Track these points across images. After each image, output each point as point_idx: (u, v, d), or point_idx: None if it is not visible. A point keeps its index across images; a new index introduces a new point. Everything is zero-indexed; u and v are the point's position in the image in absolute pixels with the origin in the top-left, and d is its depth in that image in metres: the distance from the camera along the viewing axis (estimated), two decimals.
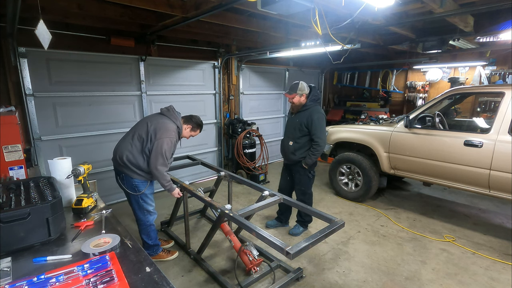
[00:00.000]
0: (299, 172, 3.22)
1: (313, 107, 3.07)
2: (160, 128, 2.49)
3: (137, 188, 2.62)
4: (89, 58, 3.94)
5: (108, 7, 3.16)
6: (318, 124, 3.02)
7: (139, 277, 1.17)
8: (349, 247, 3.23)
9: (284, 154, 3.33)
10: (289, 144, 3.18)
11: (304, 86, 3.03)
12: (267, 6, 2.36)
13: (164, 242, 3.23)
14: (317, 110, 3.07)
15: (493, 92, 3.71)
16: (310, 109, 3.07)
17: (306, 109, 3.08)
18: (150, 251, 2.86)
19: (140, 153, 2.52)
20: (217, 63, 5.45)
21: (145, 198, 2.69)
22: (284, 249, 1.69)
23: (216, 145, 5.84)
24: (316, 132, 3.02)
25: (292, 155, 3.18)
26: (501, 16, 3.74)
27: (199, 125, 2.79)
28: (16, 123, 2.45)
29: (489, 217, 4.00)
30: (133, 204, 2.71)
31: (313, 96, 3.09)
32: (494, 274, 2.77)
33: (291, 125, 3.20)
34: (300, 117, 3.10)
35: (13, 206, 1.42)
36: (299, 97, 3.04)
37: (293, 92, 3.02)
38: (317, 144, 3.04)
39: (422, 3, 2.95)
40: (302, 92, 3.02)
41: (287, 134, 3.26)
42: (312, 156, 3.09)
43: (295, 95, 3.03)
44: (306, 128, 3.06)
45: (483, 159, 3.15)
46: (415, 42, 4.53)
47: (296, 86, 3.02)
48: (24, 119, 3.53)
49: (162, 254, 2.95)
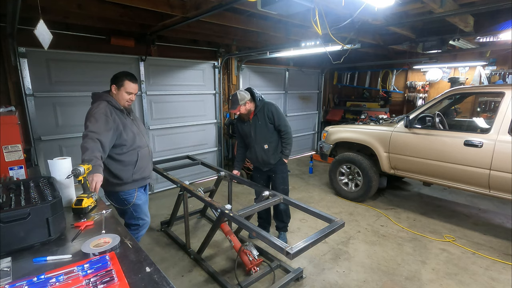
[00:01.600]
0: (281, 171, 3.11)
1: (264, 104, 2.97)
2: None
3: (126, 201, 2.34)
4: (89, 58, 3.94)
5: (108, 7, 3.16)
6: (279, 114, 2.95)
7: (139, 277, 1.17)
8: (349, 247, 3.23)
9: (263, 162, 3.07)
10: (265, 148, 3.00)
11: (243, 95, 2.88)
12: (267, 6, 2.36)
13: None
14: (270, 103, 2.98)
15: (493, 92, 3.70)
16: (263, 106, 2.96)
17: (260, 109, 2.96)
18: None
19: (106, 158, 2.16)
20: (217, 63, 5.45)
21: (137, 209, 2.40)
22: (284, 249, 1.69)
23: (216, 145, 5.84)
24: (281, 121, 2.95)
25: (273, 155, 3.03)
26: (501, 16, 3.74)
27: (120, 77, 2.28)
28: (16, 123, 2.45)
29: (489, 217, 4.00)
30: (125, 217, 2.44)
31: (258, 96, 2.98)
32: (494, 274, 2.77)
33: (257, 130, 2.99)
34: (259, 119, 2.97)
35: (13, 206, 1.42)
36: (244, 106, 2.90)
37: (237, 105, 2.87)
38: (286, 133, 2.98)
39: (422, 3, 2.95)
40: (244, 100, 2.87)
41: (257, 140, 3.01)
42: (288, 146, 3.02)
43: (239, 107, 2.88)
44: (271, 124, 2.96)
45: (483, 159, 3.15)
46: (415, 42, 4.53)
47: (235, 99, 2.87)
48: (24, 119, 3.53)
49: None
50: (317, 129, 8.21)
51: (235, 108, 2.90)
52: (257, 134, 3.01)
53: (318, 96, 8.05)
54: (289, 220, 3.36)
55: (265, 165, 3.09)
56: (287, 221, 3.35)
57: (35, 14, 1.96)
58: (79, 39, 3.84)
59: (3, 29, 3.12)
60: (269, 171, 3.15)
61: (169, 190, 5.02)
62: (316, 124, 8.21)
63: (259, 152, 3.03)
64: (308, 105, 7.79)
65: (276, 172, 3.11)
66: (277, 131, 3.02)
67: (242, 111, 2.93)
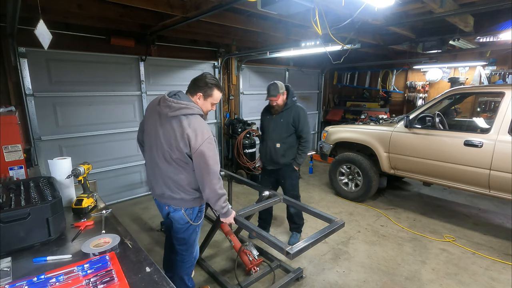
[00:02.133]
0: (290, 177, 3.06)
1: (295, 104, 2.96)
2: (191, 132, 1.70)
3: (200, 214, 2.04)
4: (89, 58, 3.94)
5: (108, 7, 3.16)
6: (305, 121, 2.94)
7: (139, 277, 1.17)
8: (349, 247, 3.23)
9: (270, 159, 3.04)
10: (276, 146, 2.97)
11: (282, 84, 2.89)
12: (267, 6, 2.36)
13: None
14: (301, 107, 2.97)
15: (493, 92, 3.71)
16: (293, 106, 2.94)
17: (289, 107, 2.94)
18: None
19: (183, 171, 1.82)
20: (217, 63, 5.45)
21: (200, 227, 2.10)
22: (284, 249, 1.68)
23: (216, 145, 5.83)
24: (304, 128, 2.93)
25: (282, 158, 2.98)
26: (501, 16, 3.74)
27: (211, 84, 1.84)
28: (16, 123, 2.45)
29: (489, 217, 4.00)
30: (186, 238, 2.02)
31: (292, 94, 2.97)
32: (494, 274, 2.77)
33: (276, 127, 2.97)
34: (284, 117, 2.93)
35: (13, 206, 1.42)
36: (282, 96, 2.89)
37: (277, 93, 2.84)
38: (306, 141, 2.96)
39: (422, 3, 2.95)
40: (283, 89, 2.88)
41: (271, 137, 2.99)
42: (303, 154, 2.97)
43: (279, 95, 2.85)
44: (293, 127, 2.93)
45: (483, 159, 3.15)
46: (415, 42, 4.53)
47: (275, 86, 2.84)
48: (24, 119, 3.53)
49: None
50: (317, 129, 8.21)
51: (275, 95, 2.84)
52: (274, 131, 3.00)
53: (318, 96, 8.05)
54: (302, 221, 3.37)
55: (272, 163, 3.06)
56: (300, 222, 3.35)
57: (35, 14, 1.96)
58: (79, 39, 3.84)
59: (3, 29, 3.12)
60: (277, 174, 3.12)
61: None
62: (316, 124, 8.21)
63: (269, 148, 3.02)
64: (308, 105, 7.78)
65: (285, 178, 3.08)
66: (297, 137, 2.99)
67: (279, 102, 2.90)
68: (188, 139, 1.70)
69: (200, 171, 1.75)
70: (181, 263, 2.10)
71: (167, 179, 1.85)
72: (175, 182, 1.84)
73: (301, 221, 3.36)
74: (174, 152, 1.76)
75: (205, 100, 1.87)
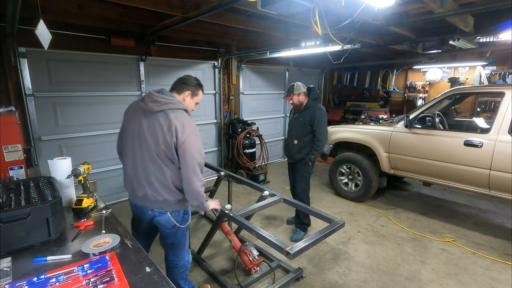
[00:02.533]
0: (302, 169, 3.30)
1: (314, 105, 3.19)
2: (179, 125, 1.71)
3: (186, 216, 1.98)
4: (89, 58, 3.94)
5: (108, 7, 3.16)
6: (320, 121, 3.12)
7: (139, 277, 1.17)
8: (349, 247, 3.23)
9: (289, 154, 3.40)
10: (294, 143, 3.27)
11: (299, 86, 3.18)
12: (267, 6, 2.36)
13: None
14: (319, 108, 3.18)
15: (493, 92, 3.71)
16: (312, 107, 3.18)
17: (308, 108, 3.19)
18: None
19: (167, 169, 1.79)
20: (217, 63, 5.45)
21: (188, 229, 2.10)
22: (284, 249, 1.68)
23: (216, 145, 5.84)
24: (318, 128, 3.12)
25: (298, 153, 3.26)
26: (501, 16, 3.74)
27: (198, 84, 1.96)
28: (16, 123, 2.45)
29: (489, 217, 4.00)
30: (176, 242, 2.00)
31: (314, 95, 3.23)
32: (494, 274, 2.77)
33: (295, 125, 3.30)
34: (303, 116, 3.20)
35: (13, 206, 1.42)
36: (297, 97, 3.18)
37: (291, 94, 3.17)
38: (319, 140, 3.14)
39: (422, 3, 2.95)
40: (299, 91, 3.17)
41: (291, 133, 3.35)
42: (315, 152, 3.17)
43: (293, 96, 3.17)
44: (310, 126, 3.15)
45: (483, 159, 3.15)
46: (415, 42, 4.53)
47: (292, 87, 3.18)
48: (24, 119, 3.53)
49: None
50: None
51: (289, 95, 3.21)
52: (293, 128, 3.32)
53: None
54: (306, 220, 3.47)
55: (290, 157, 3.42)
56: (304, 220, 3.45)
57: (35, 14, 1.96)
58: (79, 39, 3.84)
59: (3, 29, 3.12)
60: (293, 166, 3.43)
61: None
62: None
63: (289, 142, 3.34)
64: None
65: (298, 170, 3.34)
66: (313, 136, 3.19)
67: (295, 101, 3.20)
68: (175, 132, 1.70)
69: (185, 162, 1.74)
70: (174, 269, 2.07)
71: (151, 178, 1.79)
72: (159, 181, 1.79)
73: (306, 220, 3.46)
74: (160, 146, 1.73)
75: (191, 98, 1.94)
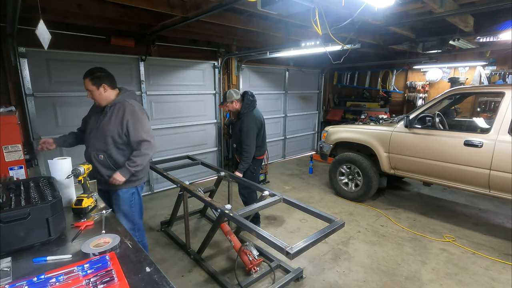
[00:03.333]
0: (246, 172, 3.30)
1: (245, 116, 3.14)
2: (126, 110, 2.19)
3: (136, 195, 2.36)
4: (89, 58, 3.94)
5: (108, 7, 3.17)
6: (246, 132, 3.10)
7: (139, 277, 1.17)
8: (349, 247, 3.23)
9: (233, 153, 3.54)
10: (233, 146, 3.40)
11: (231, 93, 3.15)
12: (267, 6, 2.36)
13: None
14: (248, 119, 3.12)
15: (493, 92, 3.71)
16: (243, 117, 3.15)
17: (241, 117, 3.17)
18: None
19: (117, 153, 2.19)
20: (217, 63, 5.45)
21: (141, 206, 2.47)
22: (284, 249, 1.68)
23: (216, 145, 5.84)
24: (244, 139, 3.11)
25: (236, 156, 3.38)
26: (501, 16, 3.74)
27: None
28: (16, 123, 2.45)
29: (489, 217, 4.01)
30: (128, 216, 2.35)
31: (246, 103, 3.14)
32: (494, 274, 2.77)
33: (234, 131, 3.36)
34: (237, 125, 3.21)
35: (13, 206, 1.42)
36: (231, 104, 3.17)
37: (224, 102, 3.18)
38: (245, 151, 3.14)
39: (422, 3, 2.95)
40: (232, 99, 3.14)
41: (232, 139, 3.47)
42: (243, 162, 3.16)
43: (226, 104, 3.17)
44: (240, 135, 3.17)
45: (483, 159, 3.15)
46: (415, 42, 4.53)
47: (225, 95, 3.18)
48: (24, 119, 3.53)
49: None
50: (317, 129, 8.21)
51: (222, 104, 3.23)
52: (233, 133, 3.39)
53: (318, 96, 8.05)
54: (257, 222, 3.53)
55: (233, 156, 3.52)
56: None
57: (35, 14, 1.96)
58: (79, 39, 3.84)
59: (3, 29, 3.12)
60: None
61: (169, 190, 5.02)
62: (316, 124, 8.21)
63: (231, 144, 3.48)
64: (308, 105, 7.79)
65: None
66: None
67: (230, 108, 3.23)
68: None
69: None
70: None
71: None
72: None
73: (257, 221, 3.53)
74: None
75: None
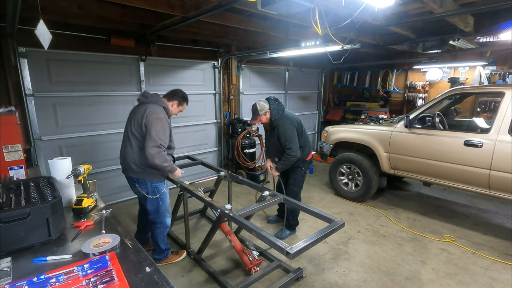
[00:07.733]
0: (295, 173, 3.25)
1: (279, 121, 3.03)
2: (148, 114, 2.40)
3: (157, 189, 2.61)
4: (89, 58, 3.94)
5: (108, 7, 3.16)
6: (285, 135, 2.98)
7: (139, 277, 1.17)
8: (349, 247, 3.23)
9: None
10: (276, 160, 3.20)
11: (262, 105, 3.01)
12: (267, 6, 2.36)
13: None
14: (283, 123, 3.02)
15: (493, 92, 3.71)
16: (277, 123, 3.04)
17: (275, 126, 3.05)
18: (161, 256, 2.82)
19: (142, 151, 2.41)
20: (217, 63, 5.45)
21: (164, 198, 2.67)
22: (284, 249, 1.68)
23: (216, 145, 5.84)
24: (286, 143, 2.97)
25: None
26: (501, 16, 3.74)
27: (184, 98, 2.73)
28: (16, 123, 2.45)
29: (489, 217, 4.00)
30: (151, 208, 2.64)
31: (273, 109, 3.03)
32: (494, 274, 2.77)
33: (271, 144, 3.19)
34: (274, 134, 3.08)
35: (13, 206, 1.42)
36: (265, 116, 3.04)
37: (257, 116, 3.01)
38: (289, 155, 2.99)
39: (422, 3, 2.94)
40: (264, 110, 3.01)
41: (269, 153, 3.30)
42: (283, 163, 3.05)
43: (259, 118, 3.02)
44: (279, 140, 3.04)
45: (483, 159, 3.15)
46: (415, 42, 4.53)
47: (256, 109, 3.01)
48: (24, 119, 3.53)
49: (172, 257, 2.91)
50: (317, 129, 8.22)
51: (256, 119, 3.02)
52: (271, 147, 3.21)
53: (318, 96, 8.05)
54: (294, 221, 3.44)
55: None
56: (292, 222, 3.41)
57: (35, 14, 1.96)
58: (79, 39, 3.84)
59: (3, 29, 3.12)
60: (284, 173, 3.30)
61: (169, 190, 5.01)
62: (316, 124, 8.21)
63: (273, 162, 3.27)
64: (308, 105, 7.79)
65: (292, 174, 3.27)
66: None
67: (264, 121, 3.07)
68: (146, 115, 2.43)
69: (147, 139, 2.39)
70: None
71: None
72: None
73: (294, 221, 3.44)
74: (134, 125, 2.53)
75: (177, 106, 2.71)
